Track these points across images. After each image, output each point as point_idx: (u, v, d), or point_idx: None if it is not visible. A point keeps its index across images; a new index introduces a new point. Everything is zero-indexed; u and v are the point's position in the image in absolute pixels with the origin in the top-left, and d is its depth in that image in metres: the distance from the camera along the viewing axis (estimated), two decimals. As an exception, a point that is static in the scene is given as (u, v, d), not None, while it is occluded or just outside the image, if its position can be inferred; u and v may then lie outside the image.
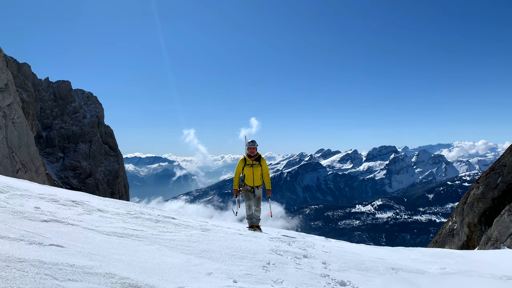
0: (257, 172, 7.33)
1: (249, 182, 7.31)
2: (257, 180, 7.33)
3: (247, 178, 7.34)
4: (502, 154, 14.51)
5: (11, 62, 35.87)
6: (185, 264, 3.14)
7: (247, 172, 7.34)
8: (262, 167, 7.40)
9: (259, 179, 7.36)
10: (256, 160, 7.36)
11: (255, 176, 7.32)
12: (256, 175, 7.32)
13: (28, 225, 3.08)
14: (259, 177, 7.36)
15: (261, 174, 7.39)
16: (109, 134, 47.20)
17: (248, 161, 7.36)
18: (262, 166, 7.39)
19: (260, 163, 7.36)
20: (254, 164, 7.32)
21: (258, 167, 7.34)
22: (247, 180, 7.33)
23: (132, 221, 4.45)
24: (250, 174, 7.32)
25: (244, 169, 7.36)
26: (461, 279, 4.63)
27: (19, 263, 2.07)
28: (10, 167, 18.02)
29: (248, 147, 7.34)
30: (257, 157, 7.40)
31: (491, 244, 10.45)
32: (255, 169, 7.33)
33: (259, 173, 7.36)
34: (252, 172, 7.31)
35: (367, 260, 4.85)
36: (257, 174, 7.33)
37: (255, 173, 7.32)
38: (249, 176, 7.33)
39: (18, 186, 4.98)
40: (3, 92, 19.28)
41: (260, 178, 7.38)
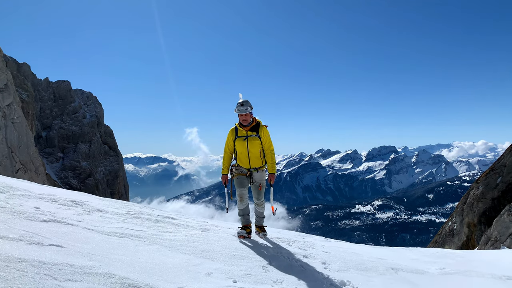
0: (254, 147, 5.02)
1: (243, 163, 5.10)
2: (255, 159, 5.06)
3: (240, 157, 5.09)
4: (502, 154, 14.52)
5: (11, 62, 35.86)
6: (184, 264, 3.14)
7: (239, 148, 5.06)
8: (262, 140, 5.05)
9: (258, 159, 5.07)
10: (252, 130, 5.01)
11: (252, 153, 5.04)
12: (253, 152, 5.03)
13: (27, 225, 3.08)
14: (258, 155, 5.06)
15: (260, 151, 5.08)
16: (108, 134, 47.18)
17: (240, 132, 5.03)
18: (262, 138, 5.04)
19: (258, 134, 5.02)
20: (250, 137, 4.99)
21: (255, 140, 5.01)
22: (240, 161, 5.11)
23: (131, 221, 4.44)
24: (243, 151, 5.03)
25: (235, 144, 5.09)
26: (461, 279, 4.63)
27: (18, 263, 2.06)
28: (9, 167, 18.02)
29: (239, 114, 4.93)
30: (253, 126, 5.03)
31: (490, 244, 10.45)
32: (251, 143, 5.00)
33: (258, 148, 5.04)
34: (246, 148, 5.01)
35: (367, 260, 4.85)
36: (254, 150, 5.03)
37: (252, 149, 5.02)
38: (242, 154, 5.05)
39: (18, 186, 4.97)
40: (3, 92, 19.27)
41: (260, 156, 5.09)
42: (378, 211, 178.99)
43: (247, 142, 4.99)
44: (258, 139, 5.01)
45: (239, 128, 5.02)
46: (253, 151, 5.03)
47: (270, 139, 5.14)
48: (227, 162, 5.14)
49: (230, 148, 5.12)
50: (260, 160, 5.09)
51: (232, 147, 5.12)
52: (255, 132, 5.01)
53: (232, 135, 5.09)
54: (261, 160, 5.11)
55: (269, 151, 5.09)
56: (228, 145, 5.12)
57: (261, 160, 5.11)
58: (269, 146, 5.10)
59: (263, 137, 5.05)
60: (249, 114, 4.92)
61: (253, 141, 5.00)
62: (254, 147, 5.02)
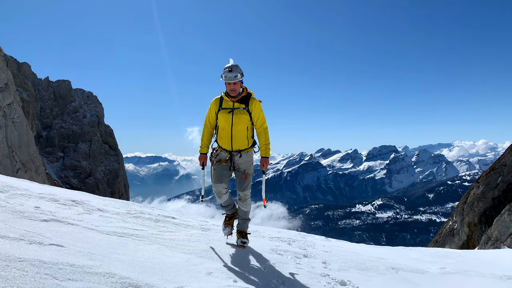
0: (240, 123, 4.07)
1: (224, 142, 4.14)
2: (239, 139, 4.11)
3: (221, 134, 4.15)
4: (502, 153, 14.51)
5: (11, 61, 35.87)
6: (185, 264, 3.14)
7: (222, 122, 4.11)
8: (253, 116, 4.12)
9: (244, 138, 4.12)
10: (241, 102, 4.10)
11: (237, 131, 4.08)
12: (239, 130, 4.08)
13: (28, 224, 3.08)
14: (244, 133, 4.11)
15: (248, 129, 4.13)
16: (109, 134, 47.21)
17: (225, 103, 4.12)
18: (253, 113, 4.11)
19: (248, 107, 4.09)
20: (237, 110, 4.07)
21: (243, 114, 4.07)
22: (221, 139, 4.16)
23: (132, 221, 4.44)
24: (226, 126, 4.08)
25: (218, 117, 4.16)
26: (461, 278, 4.63)
27: (19, 262, 2.06)
28: (10, 167, 18.03)
29: (226, 82, 4.02)
30: (243, 97, 4.13)
31: (491, 243, 10.45)
32: (237, 118, 4.06)
33: (245, 125, 4.09)
34: (230, 124, 4.06)
35: (367, 260, 4.84)
36: (240, 127, 4.08)
37: (237, 125, 4.07)
38: (224, 130, 4.10)
39: (18, 185, 4.98)
40: (3, 92, 19.28)
41: (246, 136, 4.13)
42: (378, 210, 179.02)
43: (233, 116, 4.04)
44: (247, 113, 4.08)
45: (225, 98, 4.11)
46: (239, 128, 4.07)
47: (263, 115, 4.20)
48: (207, 138, 4.28)
49: (211, 121, 4.23)
50: (245, 140, 4.13)
51: (213, 120, 4.22)
52: (243, 105, 4.08)
53: (215, 105, 4.18)
54: (247, 140, 4.15)
55: (262, 129, 4.18)
56: (209, 118, 4.23)
57: (246, 141, 4.15)
58: (262, 123, 4.17)
59: (254, 112, 4.09)
60: (239, 83, 4.02)
61: (240, 116, 4.05)
62: (241, 123, 4.06)
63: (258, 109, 4.15)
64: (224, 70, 4.00)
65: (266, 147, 4.22)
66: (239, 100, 4.13)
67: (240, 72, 4.01)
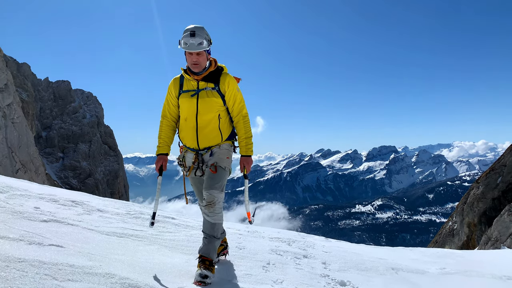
0: (209, 110, 3.05)
1: (187, 139, 3.13)
2: (209, 132, 3.08)
3: (182, 127, 3.16)
4: (502, 154, 14.51)
5: (11, 62, 35.86)
6: (185, 264, 3.14)
7: (184, 111, 3.10)
8: (227, 98, 3.10)
9: (215, 131, 3.10)
10: (208, 81, 3.07)
11: (204, 121, 3.05)
12: (206, 119, 3.05)
13: (27, 225, 3.08)
14: (214, 125, 3.09)
15: (220, 118, 3.10)
16: (108, 134, 47.19)
17: (187, 83, 3.10)
18: (227, 94, 3.09)
19: (218, 86, 3.06)
20: (203, 91, 3.04)
21: (212, 97, 3.04)
22: (184, 136, 3.16)
23: (132, 221, 4.44)
24: (190, 116, 3.06)
25: (179, 102, 3.15)
26: (461, 279, 4.63)
27: (18, 263, 2.06)
28: (9, 167, 18.02)
29: (186, 53, 2.94)
30: (211, 74, 3.08)
31: (491, 244, 10.45)
32: (203, 103, 3.03)
33: (215, 112, 3.07)
34: (195, 112, 3.04)
35: (367, 260, 4.84)
36: (208, 116, 3.05)
37: (204, 114, 3.04)
38: (188, 121, 3.09)
39: (18, 186, 4.97)
40: (3, 92, 19.28)
41: (217, 127, 3.10)
42: (378, 211, 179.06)
43: (198, 101, 2.97)
44: (218, 95, 3.01)
45: (186, 77, 3.05)
46: (207, 116, 2.99)
47: (242, 97, 3.13)
48: (166, 134, 3.19)
49: (171, 111, 3.18)
50: (217, 133, 3.07)
51: (174, 109, 3.17)
52: (213, 84, 3.02)
53: (174, 88, 3.11)
54: (219, 133, 3.08)
55: (240, 117, 3.10)
56: (168, 106, 3.17)
57: (219, 134, 3.08)
58: (240, 108, 3.09)
59: (228, 93, 3.04)
60: (205, 54, 2.90)
61: (209, 99, 2.97)
62: (209, 110, 2.99)
63: (233, 89, 3.04)
64: (183, 34, 2.83)
65: (247, 142, 3.08)
66: (206, 77, 3.02)
67: (206, 38, 2.86)
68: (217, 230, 3.00)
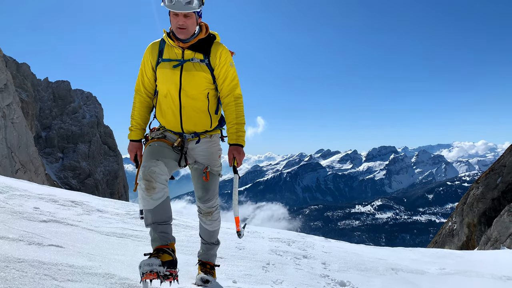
0: (195, 85, 2.44)
1: (168, 121, 2.54)
2: (194, 114, 2.50)
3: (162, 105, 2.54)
4: (502, 154, 14.53)
5: (10, 62, 35.87)
6: (184, 265, 3.14)
7: (163, 85, 2.47)
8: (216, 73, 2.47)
9: (203, 113, 2.53)
10: (197, 50, 2.42)
11: (189, 99, 2.46)
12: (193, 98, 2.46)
13: (27, 225, 3.08)
14: (203, 103, 2.50)
15: (211, 96, 2.54)
16: (108, 134, 47.19)
17: (169, 51, 2.44)
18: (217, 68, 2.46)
19: (209, 58, 2.43)
20: (189, 62, 2.41)
21: (200, 71, 2.42)
22: (164, 116, 2.55)
23: (131, 222, 4.44)
24: (172, 92, 2.45)
25: (157, 74, 2.51)
26: (461, 279, 4.63)
27: (18, 263, 2.06)
28: (9, 167, 18.02)
29: (170, 13, 2.28)
30: (200, 42, 2.44)
31: (490, 244, 10.46)
32: (189, 77, 2.41)
33: (203, 90, 2.48)
34: (178, 86, 2.42)
35: (367, 261, 4.84)
36: (194, 92, 2.45)
37: (190, 89, 2.43)
38: (169, 100, 2.48)
39: (18, 186, 4.97)
40: (3, 92, 19.28)
41: (207, 108, 2.52)
42: (378, 211, 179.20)
43: (181, 73, 2.37)
44: (206, 69, 2.43)
45: (168, 42, 2.42)
46: (193, 93, 2.42)
47: (236, 73, 2.52)
48: (140, 113, 2.60)
49: (146, 83, 2.55)
50: (206, 116, 2.51)
51: (150, 81, 2.54)
52: (201, 55, 2.42)
53: (151, 55, 2.49)
54: (209, 117, 2.52)
55: (232, 98, 2.48)
56: (142, 77, 2.55)
57: (208, 117, 2.52)
58: (232, 86, 2.48)
59: (220, 66, 2.44)
60: (194, 17, 2.32)
61: (196, 73, 2.38)
62: (196, 87, 2.42)
63: (225, 62, 2.45)
64: None
65: (238, 129, 2.47)
66: (194, 46, 2.41)
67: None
68: (216, 236, 2.82)
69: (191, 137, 2.56)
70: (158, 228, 2.29)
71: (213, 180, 2.64)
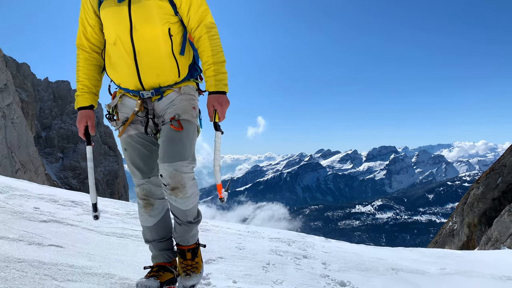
0: (149, 22, 1.83)
1: (121, 75, 1.94)
2: (154, 61, 1.88)
3: (112, 58, 1.94)
4: (502, 154, 14.53)
5: (10, 62, 35.88)
6: (184, 265, 3.14)
7: (111, 29, 1.88)
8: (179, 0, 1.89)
9: (165, 58, 1.90)
10: None
11: (144, 41, 1.85)
12: (149, 39, 1.85)
13: (27, 225, 3.08)
14: (164, 46, 1.89)
15: (174, 34, 1.91)
16: (108, 134, 47.20)
17: None
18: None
19: None
20: None
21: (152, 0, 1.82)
22: (115, 69, 1.95)
23: (131, 222, 4.44)
24: (121, 36, 1.85)
25: (101, 18, 1.92)
26: (461, 279, 4.63)
27: (18, 263, 2.06)
28: (9, 167, 18.03)
29: None
30: None
31: (491, 244, 10.45)
32: (140, 10, 1.82)
33: (161, 26, 1.87)
34: (128, 27, 1.83)
35: (367, 261, 4.84)
36: (149, 32, 1.85)
37: (143, 28, 1.84)
38: (118, 47, 1.88)
39: (18, 186, 4.97)
40: (3, 92, 19.29)
41: (172, 51, 1.90)
42: (378, 211, 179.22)
43: (130, 8, 1.86)
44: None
45: None
46: (147, 33, 1.87)
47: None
48: (86, 73, 2.06)
49: (89, 34, 2.04)
50: (170, 62, 1.95)
51: (93, 31, 2.03)
52: None
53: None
54: (174, 63, 1.96)
55: (203, 29, 1.94)
56: (84, 28, 2.04)
57: (173, 64, 1.95)
58: (200, 15, 1.95)
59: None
60: None
61: (147, 3, 1.86)
62: (150, 21, 1.87)
63: None
64: None
65: (218, 70, 1.90)
66: None
67: None
68: (192, 215, 2.04)
69: (153, 95, 1.96)
70: (158, 246, 2.15)
71: (186, 130, 1.91)
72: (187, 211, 2.00)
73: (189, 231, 2.08)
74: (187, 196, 1.91)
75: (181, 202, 1.93)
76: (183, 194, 1.89)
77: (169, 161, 1.83)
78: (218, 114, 1.93)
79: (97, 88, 2.12)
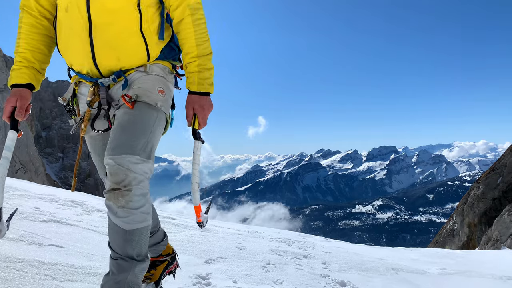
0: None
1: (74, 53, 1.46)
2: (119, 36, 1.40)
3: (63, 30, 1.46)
4: (503, 154, 14.52)
5: (11, 62, 35.91)
6: (184, 265, 3.14)
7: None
8: None
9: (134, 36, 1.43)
10: None
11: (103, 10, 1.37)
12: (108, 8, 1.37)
13: (27, 225, 3.08)
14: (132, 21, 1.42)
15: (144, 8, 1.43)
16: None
17: None
18: None
19: None
20: None
21: None
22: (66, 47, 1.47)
23: (132, 221, 4.44)
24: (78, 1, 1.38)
25: None
26: (461, 279, 4.63)
27: (18, 263, 2.06)
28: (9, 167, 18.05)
29: None
30: None
31: (491, 244, 10.45)
32: None
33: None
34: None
35: (367, 261, 4.84)
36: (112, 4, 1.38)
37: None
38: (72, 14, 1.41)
39: (18, 186, 4.97)
40: (3, 92, 19.30)
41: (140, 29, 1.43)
42: (378, 211, 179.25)
43: None
44: None
45: None
46: (108, 1, 1.39)
47: None
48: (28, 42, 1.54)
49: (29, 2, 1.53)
50: (137, 40, 1.46)
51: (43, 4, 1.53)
52: None
53: None
54: (142, 41, 1.47)
55: (186, 10, 1.47)
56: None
57: (140, 42, 1.47)
58: None
59: None
60: None
61: None
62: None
63: None
64: None
65: (202, 66, 1.50)
66: None
67: None
68: (137, 244, 1.46)
69: (113, 82, 1.50)
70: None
71: (142, 116, 1.43)
72: (128, 234, 1.39)
73: (126, 270, 1.46)
74: (132, 206, 1.33)
75: (122, 215, 1.34)
76: (125, 201, 1.32)
77: (112, 153, 1.33)
78: (198, 119, 1.52)
79: (42, 64, 1.60)
